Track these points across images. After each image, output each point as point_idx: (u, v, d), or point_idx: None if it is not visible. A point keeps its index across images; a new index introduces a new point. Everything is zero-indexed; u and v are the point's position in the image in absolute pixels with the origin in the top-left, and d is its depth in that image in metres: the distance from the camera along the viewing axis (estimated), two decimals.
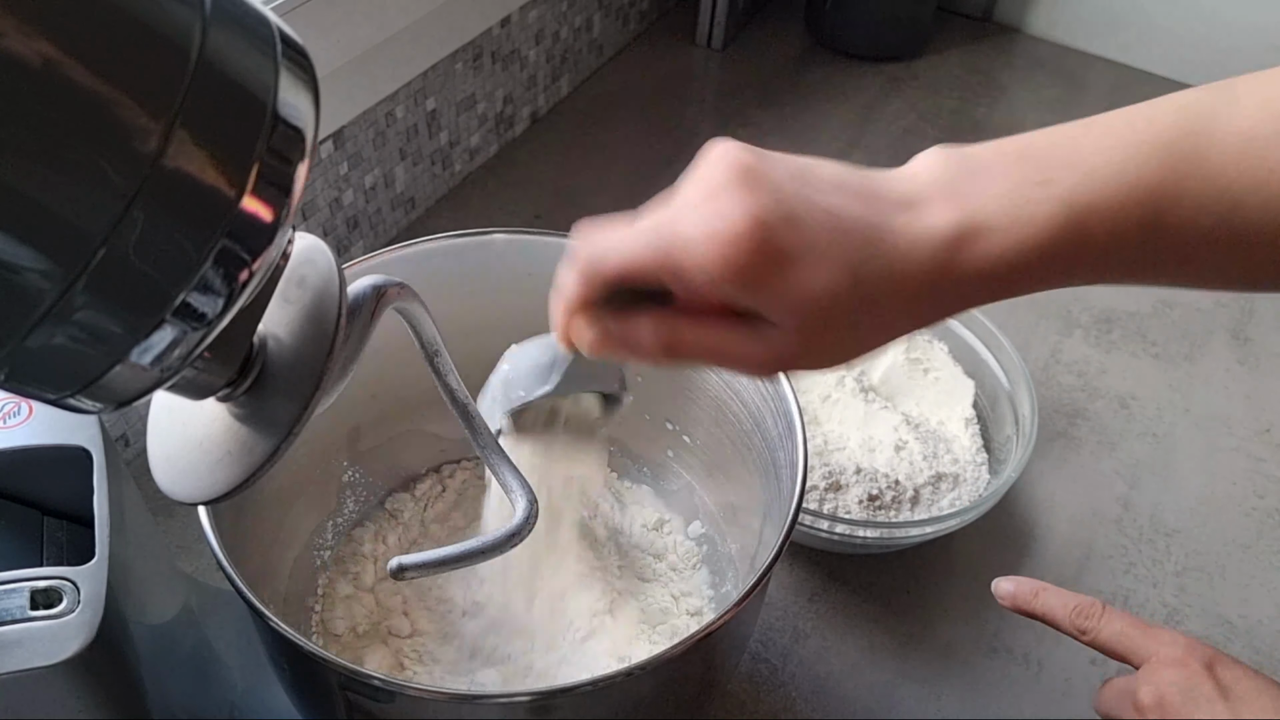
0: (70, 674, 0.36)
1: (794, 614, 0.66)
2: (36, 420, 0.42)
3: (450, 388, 0.45)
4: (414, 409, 0.65)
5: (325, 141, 0.77)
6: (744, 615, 0.46)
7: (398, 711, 0.43)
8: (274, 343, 0.33)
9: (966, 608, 0.67)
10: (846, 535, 0.64)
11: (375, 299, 0.37)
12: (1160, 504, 0.74)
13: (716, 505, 0.63)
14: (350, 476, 0.64)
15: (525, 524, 0.44)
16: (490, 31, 0.91)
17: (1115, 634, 0.42)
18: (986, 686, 0.63)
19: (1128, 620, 0.43)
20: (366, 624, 0.58)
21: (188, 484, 0.33)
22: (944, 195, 0.33)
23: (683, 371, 0.60)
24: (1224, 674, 0.39)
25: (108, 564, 0.39)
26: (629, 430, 0.66)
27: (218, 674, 0.54)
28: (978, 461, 0.71)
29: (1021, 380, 0.71)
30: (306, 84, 0.27)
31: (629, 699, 0.45)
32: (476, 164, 0.98)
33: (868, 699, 0.62)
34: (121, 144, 0.22)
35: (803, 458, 0.48)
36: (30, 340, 0.23)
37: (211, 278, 0.25)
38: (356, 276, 0.37)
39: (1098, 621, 0.43)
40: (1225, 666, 0.39)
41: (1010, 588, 0.46)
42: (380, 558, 0.62)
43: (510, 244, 0.59)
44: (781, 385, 0.51)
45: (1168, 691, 0.39)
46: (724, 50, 1.18)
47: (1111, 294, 0.91)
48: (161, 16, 0.23)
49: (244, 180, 0.25)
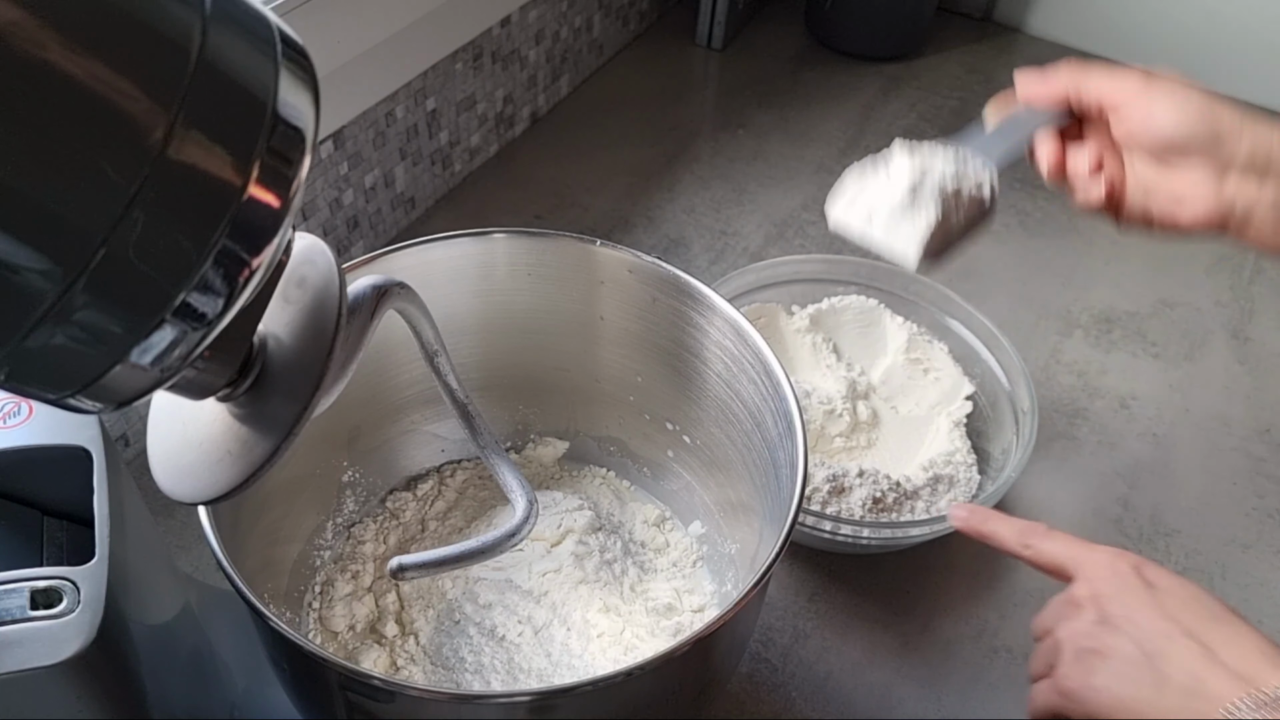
0: (70, 674, 0.36)
1: (794, 614, 0.66)
2: (36, 420, 0.42)
3: (450, 388, 0.45)
4: (414, 409, 0.65)
5: (325, 141, 0.77)
6: (744, 615, 0.46)
7: (398, 711, 0.43)
8: (274, 343, 0.33)
9: (966, 608, 0.67)
10: (848, 536, 0.64)
11: (375, 299, 0.37)
12: (1160, 504, 0.74)
13: (716, 505, 0.63)
14: (350, 476, 0.64)
15: (525, 524, 0.44)
16: (490, 31, 0.91)
17: (1054, 550, 0.46)
18: (986, 686, 0.63)
19: (1067, 538, 0.46)
20: (365, 624, 0.58)
21: (188, 484, 0.33)
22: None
23: (683, 371, 0.60)
24: (1149, 573, 0.43)
25: (108, 564, 0.39)
26: (629, 430, 0.66)
27: (218, 674, 0.54)
28: (969, 462, 0.71)
29: (1021, 380, 0.71)
30: (306, 84, 0.27)
31: (629, 699, 0.45)
32: (476, 164, 0.98)
33: (868, 699, 0.62)
34: (122, 144, 0.22)
35: (803, 458, 0.48)
36: (30, 340, 0.23)
37: (212, 278, 0.25)
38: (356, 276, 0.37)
39: (1040, 539, 0.46)
40: (1150, 568, 0.44)
41: (964, 514, 0.50)
42: (380, 558, 0.62)
43: (510, 244, 0.59)
44: (781, 385, 0.51)
45: (1101, 587, 0.43)
46: (724, 50, 1.18)
47: (1111, 294, 0.91)
48: (161, 16, 0.23)
49: (244, 180, 0.25)
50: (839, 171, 1.06)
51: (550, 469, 0.69)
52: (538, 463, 0.69)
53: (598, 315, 0.61)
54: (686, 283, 0.56)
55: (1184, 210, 0.51)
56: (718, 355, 0.57)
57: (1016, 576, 0.69)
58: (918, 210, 0.51)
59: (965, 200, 0.52)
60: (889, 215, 0.51)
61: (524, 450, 0.69)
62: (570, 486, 0.67)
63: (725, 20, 1.15)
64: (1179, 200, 0.51)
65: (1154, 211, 0.52)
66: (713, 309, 0.56)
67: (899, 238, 0.51)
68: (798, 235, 0.95)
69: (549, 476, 0.68)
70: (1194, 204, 0.50)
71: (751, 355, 0.54)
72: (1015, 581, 0.69)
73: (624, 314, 0.60)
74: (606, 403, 0.65)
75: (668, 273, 0.57)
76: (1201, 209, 0.50)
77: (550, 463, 0.69)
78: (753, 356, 0.54)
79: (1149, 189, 0.52)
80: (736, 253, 0.91)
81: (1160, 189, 0.51)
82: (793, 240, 0.94)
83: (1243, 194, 0.49)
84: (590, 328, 0.62)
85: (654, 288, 0.58)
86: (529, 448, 0.69)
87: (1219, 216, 0.50)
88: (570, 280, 0.60)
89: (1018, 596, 0.68)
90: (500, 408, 0.67)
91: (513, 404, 0.68)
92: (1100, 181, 0.52)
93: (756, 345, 0.53)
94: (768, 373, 0.53)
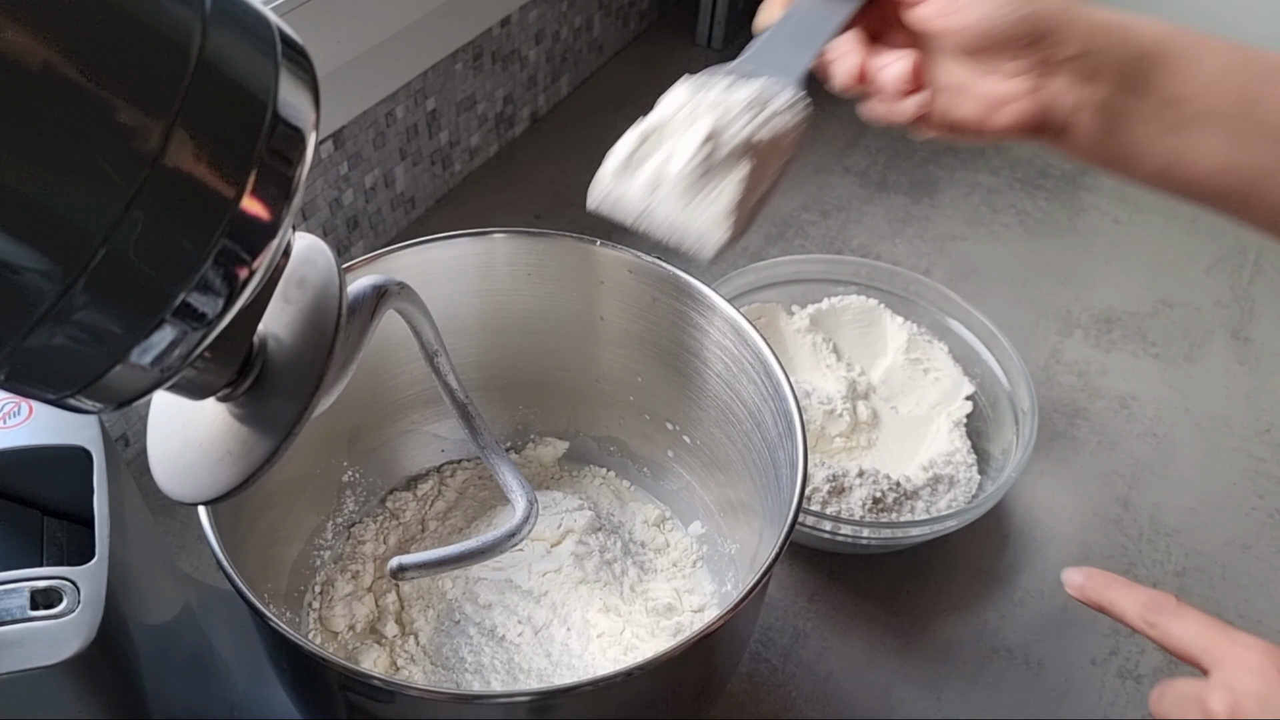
0: (70, 674, 0.36)
1: (794, 614, 0.66)
2: (36, 420, 0.42)
3: (450, 388, 0.45)
4: (414, 409, 0.65)
5: (325, 141, 0.77)
6: (744, 615, 0.46)
7: (398, 711, 0.43)
8: (274, 343, 0.33)
9: (966, 608, 0.67)
10: (848, 536, 0.64)
11: (375, 299, 0.37)
12: (1160, 504, 0.74)
13: (716, 505, 0.63)
14: (350, 476, 0.64)
15: (525, 524, 0.44)
16: (490, 31, 0.91)
17: (1187, 633, 0.38)
18: (986, 686, 0.63)
19: (1202, 620, 0.39)
20: (364, 624, 0.58)
21: (188, 484, 0.33)
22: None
23: (683, 371, 0.60)
24: None
25: (108, 564, 0.39)
26: (629, 430, 0.66)
27: (218, 674, 0.54)
28: (969, 462, 0.71)
29: (1021, 380, 0.71)
30: (306, 84, 0.27)
31: (629, 699, 0.45)
32: (476, 164, 0.98)
33: (868, 699, 0.62)
34: (122, 144, 0.22)
35: (803, 458, 0.48)
36: (30, 340, 0.23)
37: (211, 278, 0.25)
38: (356, 276, 0.37)
39: (1169, 618, 0.39)
40: None
41: (1080, 579, 0.42)
42: (380, 558, 0.62)
43: (510, 244, 0.59)
44: (781, 385, 0.51)
45: (1244, 700, 0.35)
46: (724, 50, 1.18)
47: (1111, 294, 0.91)
48: (162, 16, 0.23)
49: (244, 180, 0.25)
50: (839, 171, 1.06)
51: (550, 469, 0.69)
52: (538, 463, 0.69)
53: (598, 315, 0.61)
54: (686, 283, 0.56)
55: (998, 116, 0.43)
56: (718, 355, 0.57)
57: (1017, 576, 0.69)
58: (720, 174, 0.39)
59: (774, 145, 0.41)
60: (681, 184, 0.39)
61: (524, 450, 0.69)
62: (570, 486, 0.67)
63: (725, 20, 1.15)
64: (994, 103, 0.43)
65: (962, 117, 0.44)
66: (713, 309, 0.56)
67: (698, 215, 0.39)
68: (798, 235, 0.95)
69: (549, 476, 0.68)
70: (1010, 109, 0.43)
71: (751, 355, 0.54)
72: (1015, 581, 0.69)
73: (624, 314, 0.60)
74: (606, 403, 0.65)
75: (668, 273, 0.57)
76: (1017, 113, 0.42)
77: (550, 463, 0.69)
78: (753, 356, 0.54)
79: (959, 91, 0.44)
80: (736, 253, 0.91)
81: (971, 91, 0.43)
82: (793, 240, 0.94)
83: (1067, 96, 0.42)
84: (590, 328, 0.62)
85: (654, 288, 0.58)
86: (529, 448, 0.69)
87: (1036, 120, 0.43)
88: (570, 280, 0.60)
89: (1018, 596, 0.68)
90: (500, 408, 0.67)
91: (513, 404, 0.68)
92: (916, 100, 0.44)
93: (756, 345, 0.53)
94: (768, 373, 0.53)
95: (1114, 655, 0.65)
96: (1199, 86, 0.42)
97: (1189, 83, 0.42)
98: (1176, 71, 0.42)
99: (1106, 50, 0.41)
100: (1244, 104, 0.41)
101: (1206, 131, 0.42)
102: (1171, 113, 0.42)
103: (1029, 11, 0.41)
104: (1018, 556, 0.70)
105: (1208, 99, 0.42)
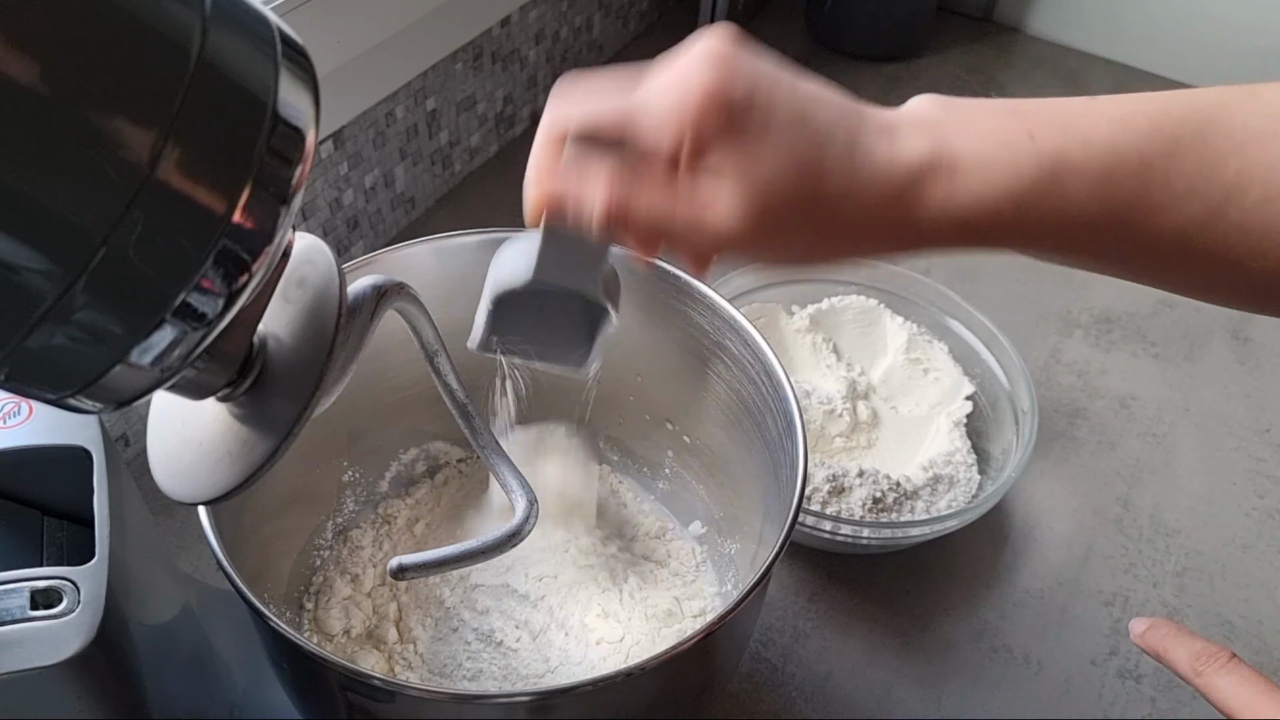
0: (70, 674, 0.36)
1: (794, 614, 0.66)
2: (36, 420, 0.42)
3: (450, 388, 0.45)
4: (414, 409, 0.65)
5: (325, 141, 0.77)
6: (744, 615, 0.46)
7: (398, 711, 0.43)
8: (274, 343, 0.33)
9: (966, 608, 0.67)
10: (847, 536, 0.64)
11: (375, 299, 0.37)
12: (1160, 504, 0.74)
13: (716, 505, 0.63)
14: (350, 477, 0.64)
15: (525, 524, 0.44)
16: (490, 31, 0.91)
17: (1231, 688, 0.38)
18: (986, 686, 0.63)
19: (1249, 677, 0.38)
20: (362, 627, 0.58)
21: (188, 484, 0.33)
22: (926, 129, 0.33)
23: (683, 371, 0.60)
24: None
25: (108, 564, 0.39)
26: (629, 430, 0.66)
27: (218, 674, 0.54)
28: (969, 462, 0.71)
29: (1021, 380, 0.71)
30: (306, 84, 0.27)
31: (629, 699, 0.45)
32: (476, 164, 0.98)
33: (868, 699, 0.62)
34: (121, 144, 0.22)
35: (803, 458, 0.48)
36: (30, 340, 0.23)
37: (212, 278, 0.25)
38: (356, 276, 0.37)
39: (1217, 670, 0.39)
40: None
41: (1142, 628, 0.42)
42: (379, 558, 0.62)
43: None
44: (782, 385, 0.51)
45: None
46: None
47: (1111, 294, 0.91)
48: (161, 16, 0.23)
49: (244, 181, 0.25)
50: None
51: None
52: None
53: None
54: (687, 283, 0.56)
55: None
56: (718, 355, 0.57)
57: (1017, 576, 0.69)
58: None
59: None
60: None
61: None
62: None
63: (725, 20, 1.15)
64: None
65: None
66: (713, 309, 0.56)
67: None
68: None
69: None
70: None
71: (752, 355, 0.54)
72: (1015, 581, 0.69)
73: (624, 313, 0.60)
74: (607, 403, 0.65)
75: (668, 273, 0.57)
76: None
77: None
78: (753, 356, 0.54)
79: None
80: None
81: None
82: None
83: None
84: None
85: (654, 287, 0.58)
86: None
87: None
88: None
89: (1018, 596, 0.68)
90: None
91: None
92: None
93: (757, 345, 0.53)
94: (768, 373, 0.53)
95: (1114, 655, 0.65)
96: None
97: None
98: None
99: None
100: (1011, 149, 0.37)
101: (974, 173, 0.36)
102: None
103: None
104: (1017, 556, 0.70)
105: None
